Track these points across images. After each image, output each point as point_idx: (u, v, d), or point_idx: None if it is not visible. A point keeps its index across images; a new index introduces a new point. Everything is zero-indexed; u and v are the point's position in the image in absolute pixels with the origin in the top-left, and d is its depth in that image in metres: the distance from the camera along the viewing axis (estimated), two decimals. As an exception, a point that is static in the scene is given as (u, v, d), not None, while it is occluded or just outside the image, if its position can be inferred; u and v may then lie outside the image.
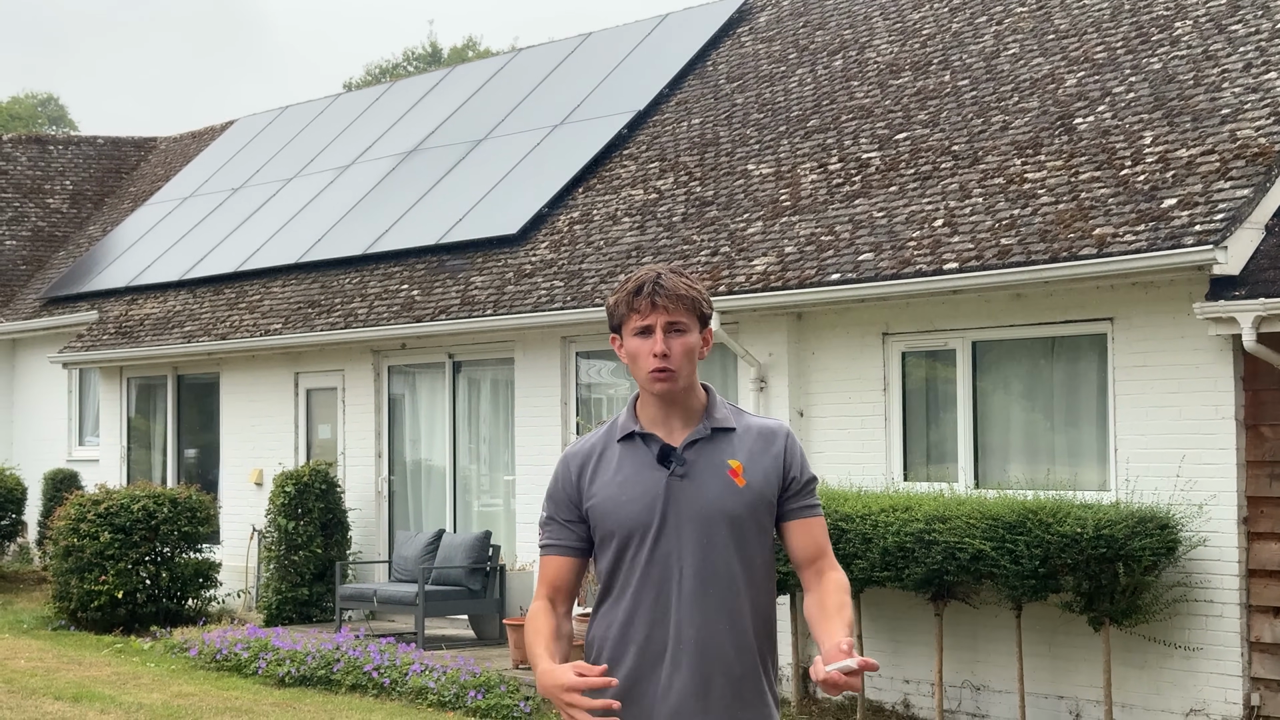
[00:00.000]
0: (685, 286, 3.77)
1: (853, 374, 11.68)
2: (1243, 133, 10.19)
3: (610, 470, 3.81)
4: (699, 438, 3.78)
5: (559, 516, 3.87)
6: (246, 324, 16.90)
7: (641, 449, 3.80)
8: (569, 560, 3.86)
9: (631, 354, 3.78)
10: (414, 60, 48.95)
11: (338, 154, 19.74)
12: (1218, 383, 9.74)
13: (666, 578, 3.73)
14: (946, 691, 10.86)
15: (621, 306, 3.79)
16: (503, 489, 14.86)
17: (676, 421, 3.80)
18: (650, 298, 3.74)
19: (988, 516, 9.75)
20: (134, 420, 19.29)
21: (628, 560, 3.78)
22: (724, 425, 3.80)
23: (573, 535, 3.85)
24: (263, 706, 11.09)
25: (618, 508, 3.77)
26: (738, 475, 3.76)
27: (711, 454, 3.78)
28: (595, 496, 3.80)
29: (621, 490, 3.77)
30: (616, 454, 3.82)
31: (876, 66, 14.47)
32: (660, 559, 3.74)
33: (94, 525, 15.31)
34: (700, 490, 3.75)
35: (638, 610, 3.76)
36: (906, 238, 11.33)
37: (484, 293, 14.41)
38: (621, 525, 3.77)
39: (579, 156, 15.75)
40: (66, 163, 25.28)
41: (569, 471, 3.86)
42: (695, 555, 3.73)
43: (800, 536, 3.82)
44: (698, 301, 3.78)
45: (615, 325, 3.83)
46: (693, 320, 3.77)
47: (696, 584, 3.72)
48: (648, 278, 3.77)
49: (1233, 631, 9.64)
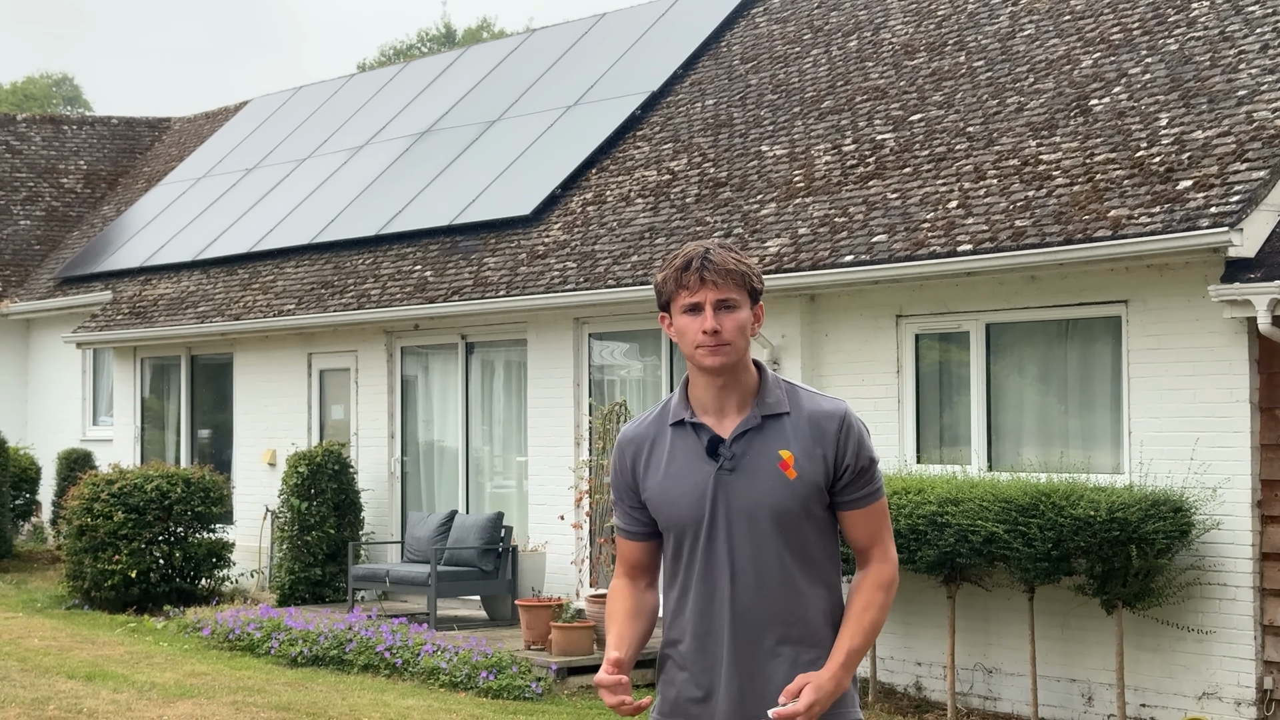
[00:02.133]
0: (735, 261, 3.65)
1: (866, 356, 11.65)
2: (1259, 114, 10.13)
3: (663, 461, 3.72)
4: (749, 427, 3.66)
5: (623, 503, 3.81)
6: (260, 304, 16.90)
7: (692, 438, 3.70)
8: (641, 544, 3.81)
9: (680, 331, 3.67)
10: (428, 41, 48.88)
11: (351, 135, 19.72)
12: (1232, 366, 9.70)
13: (719, 575, 3.66)
14: (959, 674, 10.85)
15: (670, 283, 3.67)
16: (515, 470, 14.86)
17: (729, 405, 3.69)
18: (699, 273, 3.62)
19: (1000, 499, 9.72)
20: (148, 400, 19.32)
21: (684, 555, 3.71)
22: (776, 411, 3.67)
23: (638, 521, 3.79)
24: (275, 686, 11.11)
25: (670, 503, 3.69)
26: (788, 467, 3.63)
27: (762, 444, 3.65)
28: (650, 489, 3.73)
29: (673, 484, 3.69)
30: (668, 442, 3.73)
31: (891, 47, 14.41)
32: (713, 556, 3.66)
33: (108, 505, 15.34)
34: (749, 484, 3.64)
35: (695, 607, 3.70)
36: (920, 219, 11.29)
37: (497, 274, 14.40)
38: (674, 521, 3.70)
39: (592, 137, 15.71)
40: (81, 143, 25.30)
41: (624, 459, 3.79)
42: (748, 552, 3.64)
43: (852, 527, 3.71)
44: (748, 276, 3.66)
45: (664, 303, 3.72)
46: (743, 296, 3.65)
47: (750, 582, 3.64)
48: (696, 253, 3.66)
49: (1246, 615, 9.61)
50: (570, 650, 11.37)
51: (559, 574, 13.59)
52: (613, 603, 3.80)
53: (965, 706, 10.83)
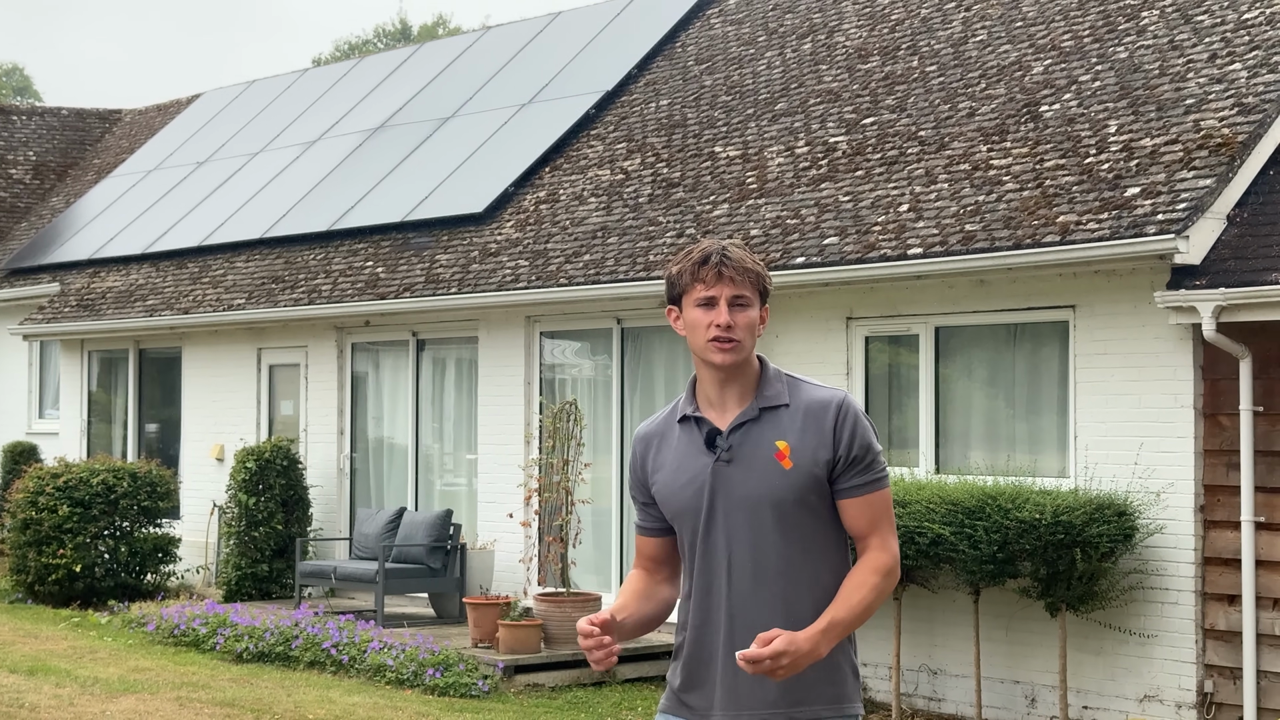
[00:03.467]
0: (751, 261, 3.73)
1: (816, 358, 11.69)
2: (1206, 123, 10.24)
3: (669, 454, 3.78)
4: (746, 419, 3.71)
5: (638, 498, 3.88)
6: (210, 299, 16.81)
7: (694, 432, 3.76)
8: (655, 539, 3.86)
9: (691, 324, 3.72)
10: (383, 37, 48.72)
11: (304, 129, 19.64)
12: (1177, 371, 9.79)
13: (717, 566, 3.70)
14: (904, 675, 10.91)
15: (685, 276, 3.72)
16: (465, 468, 14.84)
17: (731, 399, 3.74)
18: (717, 269, 3.68)
19: (947, 501, 9.78)
20: (95, 394, 19.18)
21: (687, 546, 3.77)
22: (774, 403, 3.72)
23: (652, 517, 3.85)
24: (220, 682, 11.05)
25: (672, 495, 3.76)
26: (784, 457, 3.67)
27: (759, 436, 3.70)
28: (656, 482, 3.80)
29: (675, 477, 3.75)
30: (675, 437, 3.79)
31: (845, 51, 14.48)
32: (712, 547, 3.71)
33: (52, 498, 15.22)
34: (745, 475, 3.69)
35: (695, 599, 3.74)
36: (872, 222, 11.35)
37: (449, 271, 14.37)
38: (677, 513, 3.76)
39: (546, 136, 15.71)
40: (30, 133, 25.07)
41: (636, 455, 3.87)
42: (745, 543, 3.68)
43: (851, 514, 3.73)
44: (761, 277, 3.73)
45: (675, 296, 3.76)
46: (755, 295, 3.71)
47: (747, 572, 3.68)
48: (714, 249, 3.71)
49: (1188, 619, 9.71)
50: (517, 648, 11.37)
51: (507, 572, 13.59)
52: (625, 585, 3.87)
53: (910, 707, 10.89)
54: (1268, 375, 9.48)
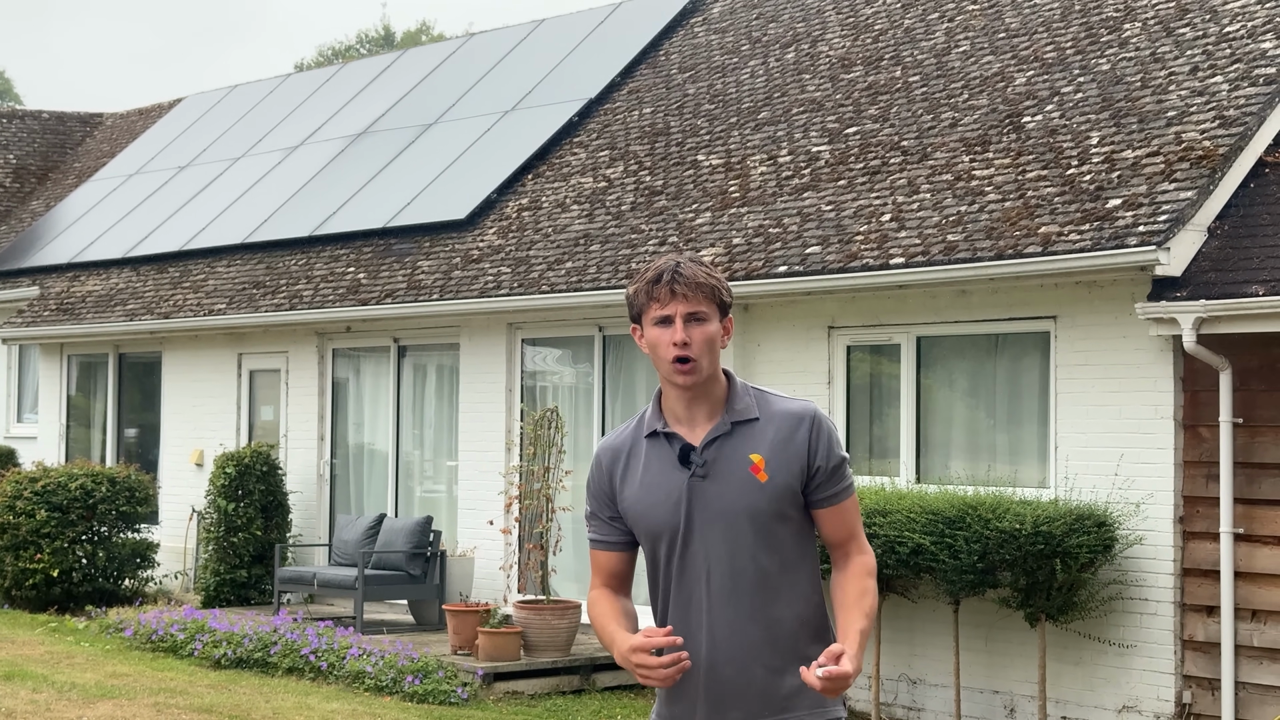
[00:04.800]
0: (704, 274, 3.71)
1: (798, 367, 11.70)
2: (1188, 135, 10.28)
3: (639, 471, 3.77)
4: (719, 434, 3.71)
5: (601, 514, 3.84)
6: (190, 303, 16.77)
7: (665, 448, 3.75)
8: (618, 555, 3.85)
9: (651, 344, 3.73)
10: (366, 43, 48.68)
11: (286, 134, 19.60)
12: (1157, 383, 9.82)
13: (697, 580, 3.70)
14: (883, 685, 10.92)
15: (641, 295, 3.73)
16: (445, 475, 14.81)
17: (700, 414, 3.74)
18: (670, 286, 3.68)
19: (928, 511, 9.79)
20: (74, 398, 19.11)
21: (661, 564, 3.76)
22: (745, 417, 3.73)
23: (616, 531, 3.83)
24: (198, 688, 11.01)
25: (646, 511, 3.74)
26: (759, 470, 3.68)
27: (732, 450, 3.71)
28: (626, 499, 3.78)
29: (648, 493, 3.74)
30: (644, 453, 3.78)
31: (828, 60, 14.50)
32: (690, 562, 3.70)
33: (30, 503, 15.16)
34: (721, 489, 3.69)
35: (674, 610, 3.74)
36: (854, 232, 11.36)
37: (430, 277, 14.35)
38: (651, 530, 3.74)
39: (529, 143, 15.70)
40: (10, 136, 24.99)
41: (602, 469, 3.84)
42: (723, 556, 3.68)
43: (827, 525, 3.76)
44: (717, 290, 3.72)
45: (635, 315, 3.77)
46: (713, 309, 3.71)
47: (726, 585, 3.69)
48: (666, 266, 3.71)
49: (1166, 630, 9.73)
50: (497, 656, 11.35)
51: (487, 579, 13.56)
52: (598, 606, 3.82)
53: (889, 717, 10.89)
54: (1247, 387, 9.52)
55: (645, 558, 3.83)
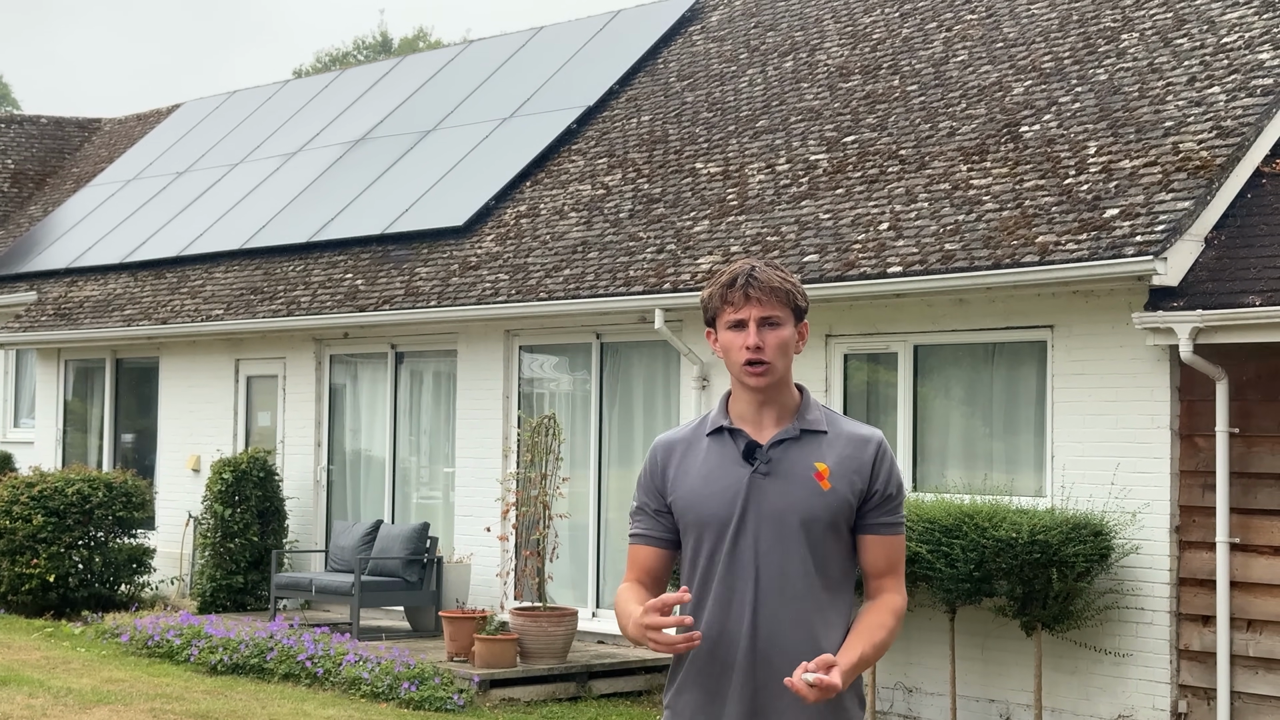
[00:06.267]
0: (780, 279, 3.71)
1: (795, 375, 11.65)
2: (1185, 145, 10.30)
3: (697, 463, 3.75)
4: (787, 437, 3.71)
5: (648, 506, 3.81)
6: (188, 309, 16.77)
7: (729, 444, 3.74)
8: (658, 551, 3.81)
9: (725, 347, 3.72)
10: (364, 49, 48.71)
11: (285, 140, 19.61)
12: (1154, 392, 9.84)
13: (744, 576, 3.67)
14: (879, 693, 10.92)
15: (715, 299, 3.73)
16: (442, 481, 14.82)
17: (768, 419, 3.74)
18: (744, 290, 3.68)
19: (924, 519, 9.80)
20: (71, 403, 19.11)
21: (704, 558, 3.72)
22: (815, 427, 3.73)
23: (661, 526, 3.80)
24: (194, 694, 11.01)
25: (700, 501, 3.71)
26: (823, 478, 3.67)
27: (798, 455, 3.70)
28: (679, 491, 3.75)
29: (705, 484, 3.72)
30: (704, 448, 3.76)
31: (826, 69, 14.53)
32: (739, 557, 3.68)
33: (27, 508, 15.16)
34: (782, 490, 3.67)
35: (714, 606, 3.69)
36: (852, 240, 11.38)
37: (428, 284, 14.36)
38: (702, 520, 3.71)
39: (527, 150, 15.72)
40: (8, 142, 25.00)
41: (656, 462, 3.81)
42: (772, 556, 3.66)
43: (872, 552, 3.73)
44: (792, 294, 3.72)
45: (709, 319, 3.77)
46: (787, 314, 3.71)
47: (772, 585, 3.66)
48: (742, 270, 3.71)
49: (1162, 639, 9.75)
50: (493, 663, 11.35)
51: (484, 586, 13.56)
52: (624, 595, 3.77)
53: (885, 725, 10.90)
54: (1244, 397, 9.53)
55: (685, 554, 3.77)
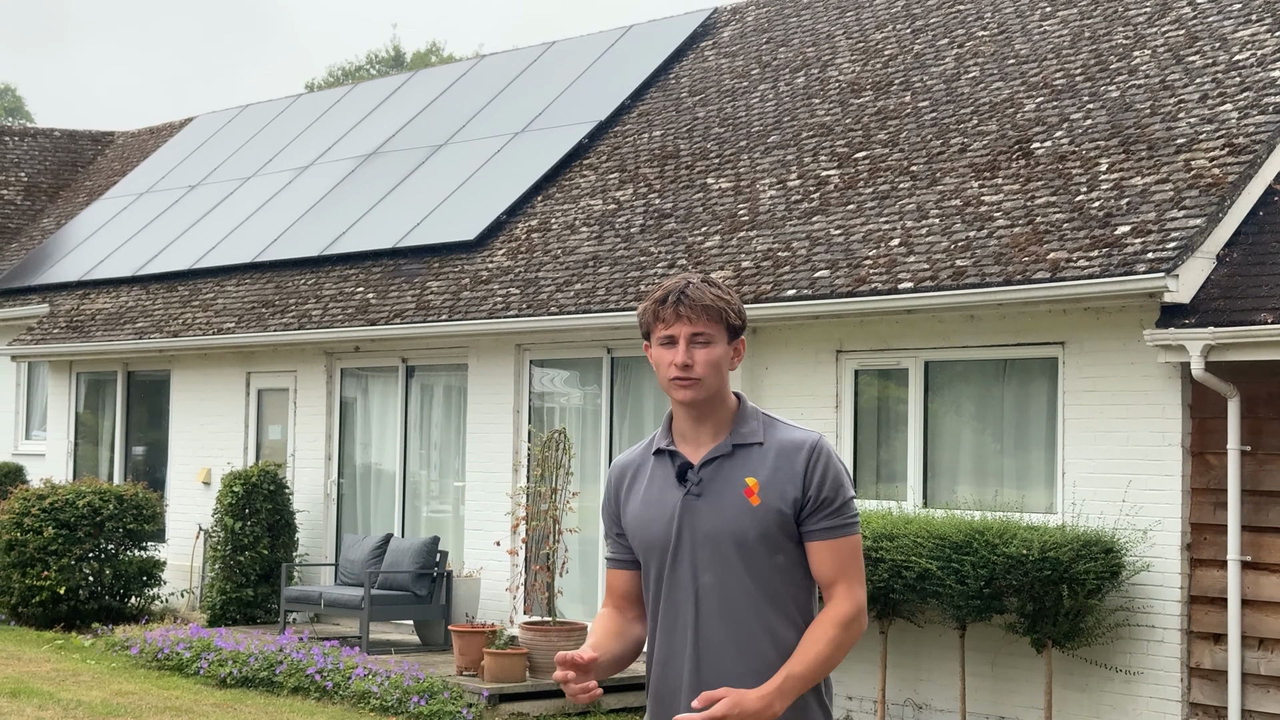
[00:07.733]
0: (713, 297, 3.69)
1: (805, 391, 11.71)
2: (1197, 163, 10.30)
3: (642, 487, 3.77)
4: (718, 454, 3.70)
5: (612, 530, 3.86)
6: (199, 322, 16.80)
7: (667, 465, 3.75)
8: (629, 574, 3.84)
9: (656, 362, 3.74)
10: (377, 63, 48.83)
11: (297, 154, 19.66)
12: (1165, 410, 9.82)
13: (684, 600, 3.68)
14: (889, 709, 10.90)
15: (648, 315, 3.75)
16: (452, 495, 14.82)
17: (705, 435, 3.74)
18: (675, 307, 3.69)
19: (935, 536, 9.79)
20: (82, 415, 19.14)
21: (653, 579, 3.75)
22: (748, 440, 3.70)
23: (624, 548, 3.84)
24: (203, 707, 11.01)
25: (643, 526, 3.75)
26: (752, 494, 3.66)
27: (730, 471, 3.69)
28: (628, 513, 3.79)
29: (645, 509, 3.75)
30: (649, 470, 3.79)
31: (838, 85, 14.54)
32: (678, 580, 3.69)
33: (38, 520, 15.18)
34: (714, 510, 3.67)
35: (660, 631, 3.72)
36: (863, 256, 11.38)
37: (439, 298, 14.38)
38: (647, 544, 3.74)
39: (539, 165, 15.74)
40: (22, 154, 25.07)
41: (611, 485, 3.86)
42: (710, 577, 3.66)
43: (817, 557, 3.69)
44: (724, 312, 3.70)
45: (644, 333, 3.79)
46: (719, 331, 3.69)
47: (712, 607, 3.66)
48: (675, 287, 3.72)
49: (1173, 657, 9.72)
50: (502, 677, 11.35)
51: (493, 600, 13.56)
52: (594, 624, 3.84)
53: (895, 742, 10.87)
54: (1255, 415, 9.51)
55: (644, 577, 3.81)
